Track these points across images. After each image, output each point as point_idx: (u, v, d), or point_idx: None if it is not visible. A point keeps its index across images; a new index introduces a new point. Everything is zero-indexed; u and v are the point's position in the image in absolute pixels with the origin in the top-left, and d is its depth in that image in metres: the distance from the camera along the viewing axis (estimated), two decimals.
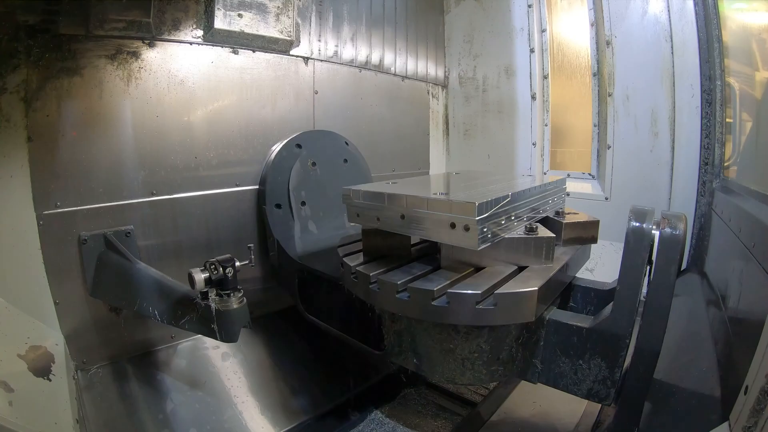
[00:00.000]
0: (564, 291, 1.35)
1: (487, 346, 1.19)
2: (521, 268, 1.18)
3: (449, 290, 1.07)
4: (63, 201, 1.54)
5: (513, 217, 1.22)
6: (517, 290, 1.05)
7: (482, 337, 1.18)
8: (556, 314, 1.20)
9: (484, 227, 1.07)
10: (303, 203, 2.08)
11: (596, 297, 1.39)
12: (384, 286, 1.18)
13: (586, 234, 1.41)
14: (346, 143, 2.36)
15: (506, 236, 1.17)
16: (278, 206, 2.02)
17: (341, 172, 2.27)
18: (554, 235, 1.20)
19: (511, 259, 1.19)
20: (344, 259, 1.39)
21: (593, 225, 1.42)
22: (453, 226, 1.08)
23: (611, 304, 1.13)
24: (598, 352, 1.11)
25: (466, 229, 1.06)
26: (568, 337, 1.15)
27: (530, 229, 1.20)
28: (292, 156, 2.09)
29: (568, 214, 1.49)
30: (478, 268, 1.20)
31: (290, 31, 2.08)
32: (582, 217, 1.45)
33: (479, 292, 1.04)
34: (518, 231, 1.21)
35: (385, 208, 1.25)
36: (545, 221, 1.42)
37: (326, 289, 1.74)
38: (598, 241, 1.44)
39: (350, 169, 2.32)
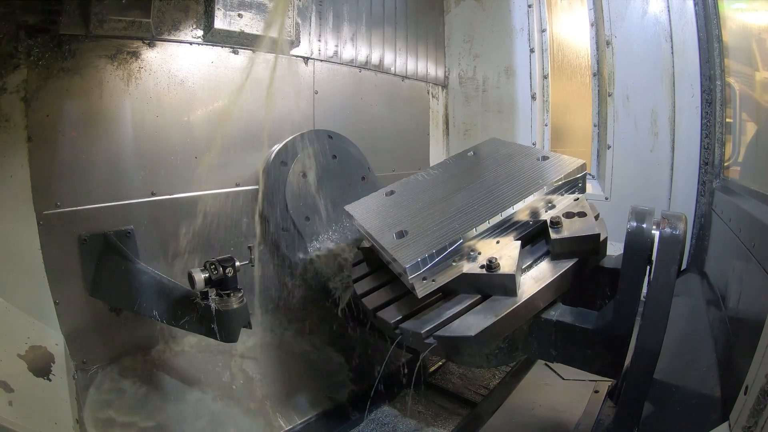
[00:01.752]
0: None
1: (504, 344, 1.25)
2: (486, 297, 1.18)
3: (401, 325, 1.18)
4: (63, 201, 1.54)
5: (473, 252, 1.22)
6: (454, 335, 1.09)
7: (499, 340, 1.23)
8: (563, 314, 1.21)
9: (424, 278, 1.15)
10: (307, 218, 2.07)
11: (602, 274, 1.36)
12: (365, 308, 1.33)
13: (581, 248, 1.22)
14: (330, 136, 2.28)
15: (465, 271, 1.18)
16: (285, 230, 2.05)
17: (333, 170, 2.23)
18: (513, 273, 1.13)
19: (475, 288, 1.20)
20: (354, 268, 1.55)
21: (590, 240, 1.20)
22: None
23: (612, 303, 1.14)
24: (604, 346, 1.15)
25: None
26: (575, 335, 1.18)
27: (489, 266, 1.15)
28: (282, 174, 2.06)
29: (575, 216, 1.29)
30: (447, 293, 1.24)
31: (290, 31, 2.08)
32: (584, 225, 1.25)
33: (422, 332, 1.12)
34: (481, 262, 1.19)
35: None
36: (542, 227, 1.35)
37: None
38: None
39: (341, 164, 2.27)
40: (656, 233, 1.06)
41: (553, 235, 1.23)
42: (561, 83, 2.87)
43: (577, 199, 1.40)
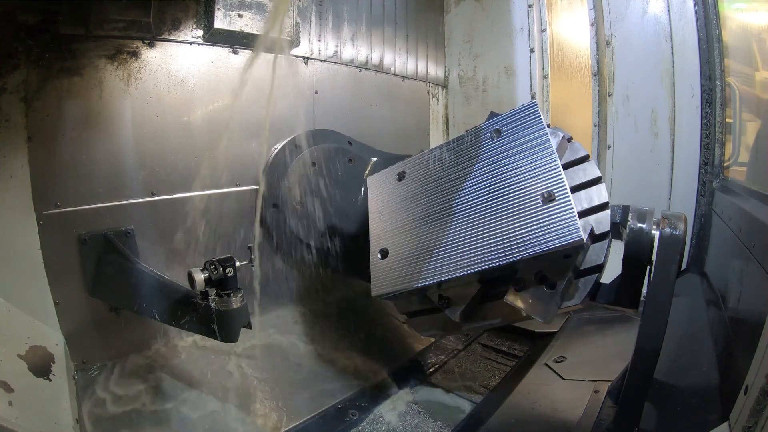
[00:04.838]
0: None
1: None
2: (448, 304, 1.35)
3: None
4: (63, 201, 1.54)
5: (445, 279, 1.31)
6: (414, 329, 1.48)
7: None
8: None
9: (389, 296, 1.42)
10: (322, 235, 2.13)
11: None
12: None
13: (514, 318, 1.20)
14: (296, 145, 2.20)
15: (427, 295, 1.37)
16: (310, 252, 2.16)
17: (320, 176, 2.20)
18: (457, 321, 1.31)
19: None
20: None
21: (526, 333, 1.20)
22: None
23: (613, 295, 1.14)
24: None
25: None
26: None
27: (442, 302, 1.32)
28: (282, 216, 2.08)
29: (544, 286, 1.14)
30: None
31: (290, 31, 2.08)
32: (538, 309, 1.14)
33: (399, 315, 1.47)
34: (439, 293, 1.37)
35: None
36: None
37: None
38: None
39: (322, 165, 2.23)
40: (656, 233, 1.06)
41: (506, 298, 1.18)
42: (561, 83, 2.87)
43: (569, 257, 1.16)
